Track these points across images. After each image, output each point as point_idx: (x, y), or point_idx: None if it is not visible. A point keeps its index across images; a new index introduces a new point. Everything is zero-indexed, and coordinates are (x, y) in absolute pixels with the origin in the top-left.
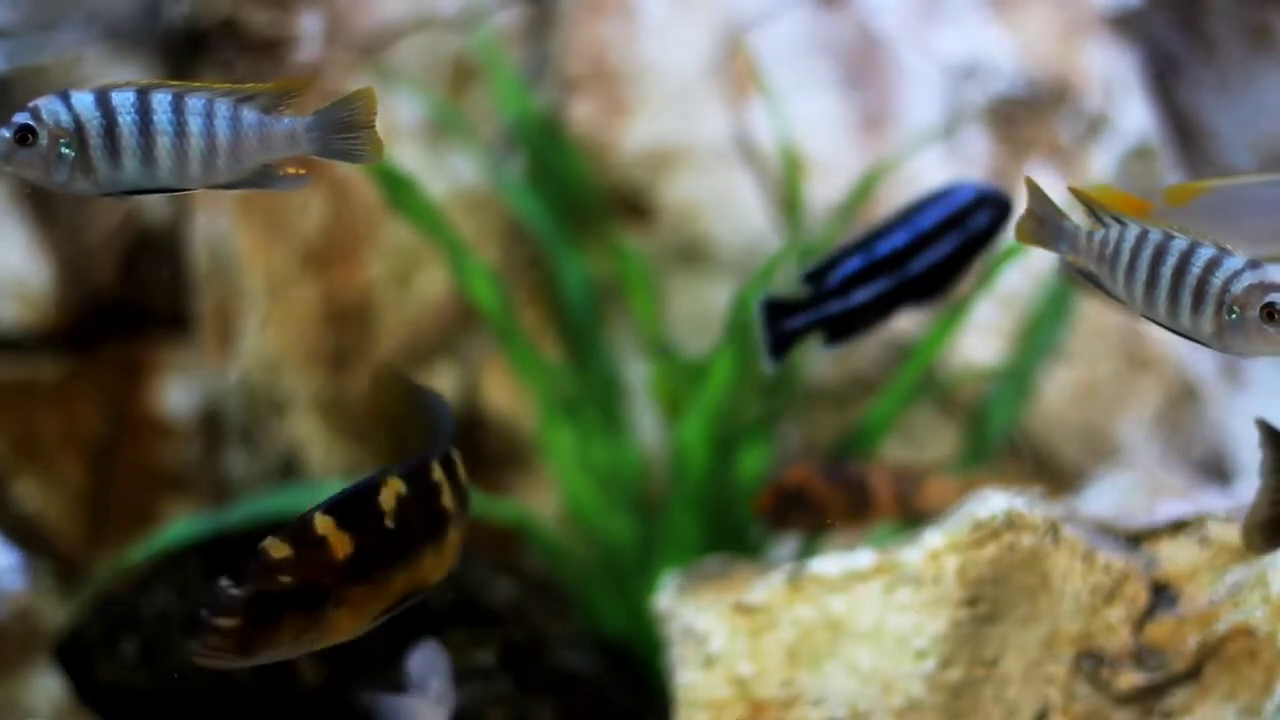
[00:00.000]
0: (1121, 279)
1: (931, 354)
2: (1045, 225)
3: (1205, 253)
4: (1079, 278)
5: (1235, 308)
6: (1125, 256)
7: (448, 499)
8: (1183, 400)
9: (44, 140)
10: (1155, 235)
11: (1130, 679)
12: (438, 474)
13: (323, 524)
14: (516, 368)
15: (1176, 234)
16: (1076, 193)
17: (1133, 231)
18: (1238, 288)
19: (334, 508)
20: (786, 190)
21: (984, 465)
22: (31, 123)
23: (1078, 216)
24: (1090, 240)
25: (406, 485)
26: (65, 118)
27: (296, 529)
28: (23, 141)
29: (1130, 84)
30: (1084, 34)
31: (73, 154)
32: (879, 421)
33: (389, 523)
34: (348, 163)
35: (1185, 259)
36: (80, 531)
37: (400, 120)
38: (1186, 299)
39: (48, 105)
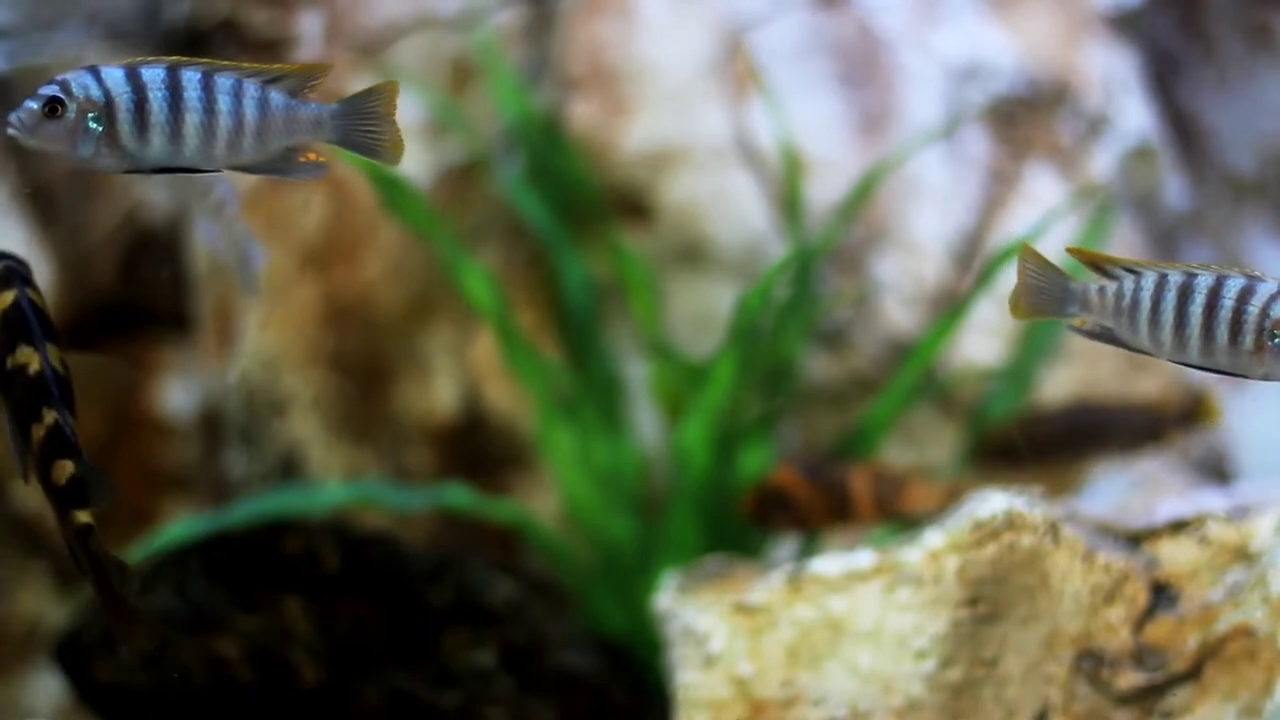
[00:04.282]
0: (1145, 327)
1: (931, 354)
2: (1047, 293)
3: (1235, 283)
4: (1091, 338)
5: (1277, 331)
6: (1146, 304)
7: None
8: (1182, 400)
9: (72, 113)
10: (1176, 276)
11: (1130, 679)
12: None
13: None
14: (516, 368)
15: (1198, 271)
16: (1075, 253)
17: (1150, 278)
18: (1278, 311)
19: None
20: (786, 190)
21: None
22: (60, 95)
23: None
24: (1103, 295)
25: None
26: (95, 91)
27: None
28: (51, 114)
29: (1130, 84)
30: (1084, 34)
31: (100, 128)
32: (879, 421)
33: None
34: (366, 157)
35: (1215, 293)
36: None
37: (401, 120)
38: (1222, 333)
39: (77, 79)
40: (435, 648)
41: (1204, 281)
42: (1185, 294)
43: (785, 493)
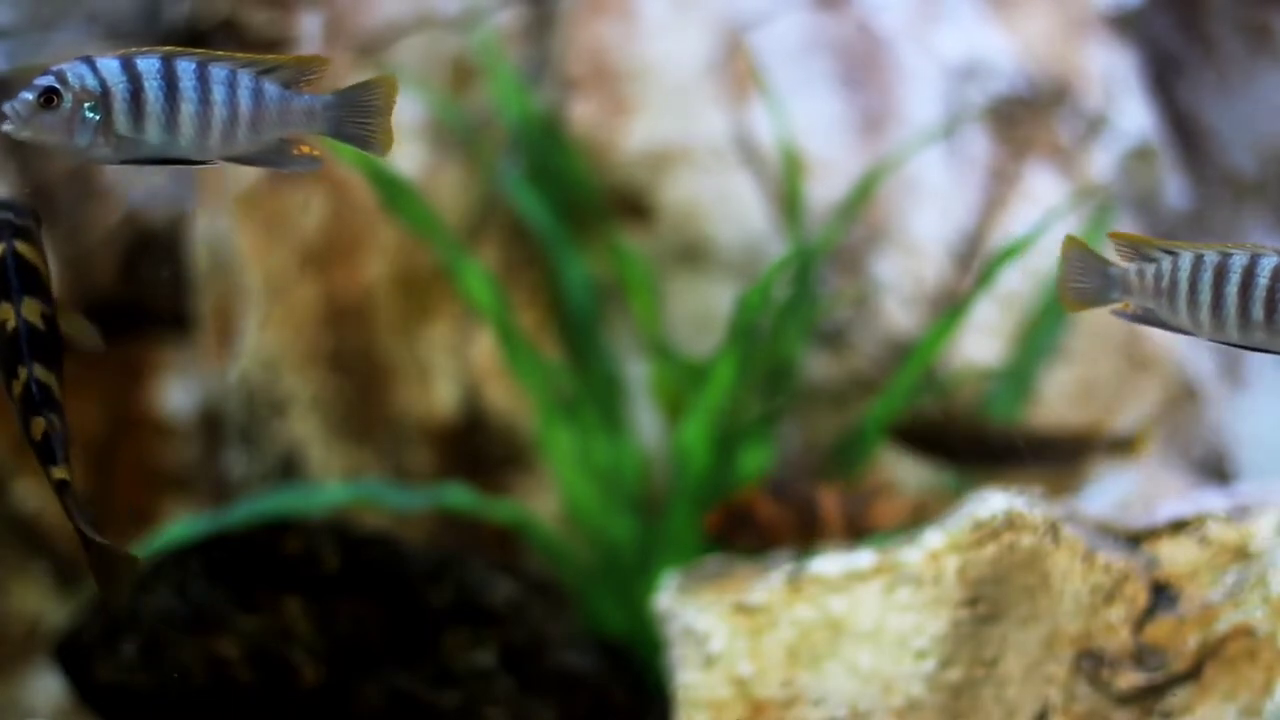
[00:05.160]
0: (1184, 308)
1: (931, 354)
2: (1090, 282)
3: (1269, 262)
4: (1135, 321)
5: None
6: (1184, 285)
7: None
8: (1183, 400)
9: (68, 103)
10: (1211, 257)
11: (1130, 679)
12: None
13: None
14: (516, 368)
15: (1232, 250)
16: (1118, 237)
17: (1187, 259)
18: None
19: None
20: (786, 190)
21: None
22: (56, 85)
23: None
24: (1143, 278)
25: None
26: (91, 81)
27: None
28: (46, 104)
29: (1130, 84)
30: (1084, 34)
31: (97, 118)
32: (879, 421)
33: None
34: (357, 148)
35: (1249, 273)
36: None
37: (401, 120)
38: (1258, 312)
39: (73, 69)
40: (435, 648)
41: (1238, 261)
42: (1221, 273)
43: (752, 511)
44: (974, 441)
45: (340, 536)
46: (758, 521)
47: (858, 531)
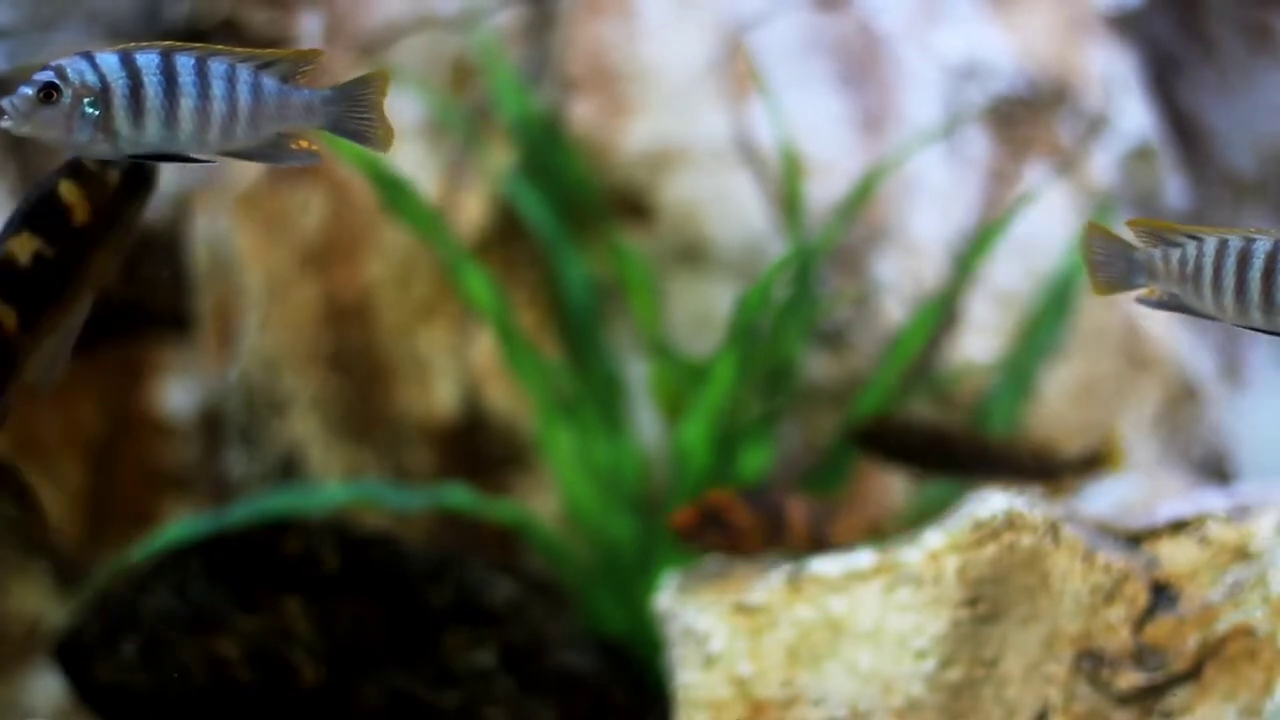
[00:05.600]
0: (1209, 293)
1: (914, 345)
2: (1116, 267)
3: None
4: (1160, 308)
5: None
6: (1208, 270)
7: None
8: (1183, 400)
9: (68, 99)
10: (1235, 242)
11: (1130, 679)
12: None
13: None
14: (516, 368)
15: (1256, 235)
16: (1137, 224)
17: (1211, 244)
18: None
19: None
20: (786, 190)
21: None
22: (56, 80)
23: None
24: (1168, 262)
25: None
26: (91, 76)
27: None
28: (46, 99)
29: (1130, 84)
30: (1084, 34)
31: (97, 114)
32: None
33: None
34: (356, 144)
35: (1272, 258)
36: (80, 531)
37: (401, 120)
38: None
39: (73, 64)
40: (435, 648)
41: (1262, 246)
42: (1244, 259)
43: (724, 514)
44: (933, 446)
45: (340, 536)
46: (728, 525)
47: (820, 544)
